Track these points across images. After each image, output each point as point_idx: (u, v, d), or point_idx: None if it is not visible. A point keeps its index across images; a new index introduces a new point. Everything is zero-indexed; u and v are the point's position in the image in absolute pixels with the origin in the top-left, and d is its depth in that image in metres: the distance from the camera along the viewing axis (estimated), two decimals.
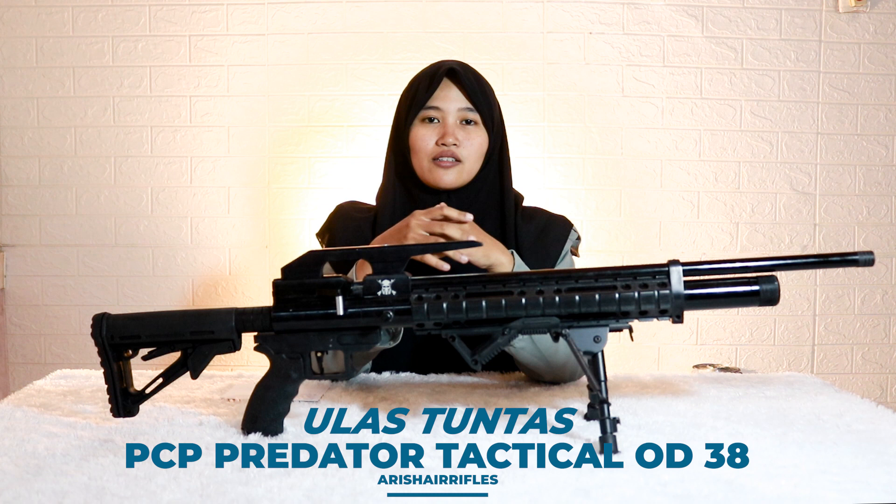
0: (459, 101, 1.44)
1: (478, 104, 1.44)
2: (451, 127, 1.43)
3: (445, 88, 1.44)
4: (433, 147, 1.43)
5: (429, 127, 1.44)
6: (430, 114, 1.44)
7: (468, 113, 1.44)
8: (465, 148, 1.43)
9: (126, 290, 2.75)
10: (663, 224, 2.75)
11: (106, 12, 2.71)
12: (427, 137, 1.43)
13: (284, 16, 2.71)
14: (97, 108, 2.72)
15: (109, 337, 1.08)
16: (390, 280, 1.04)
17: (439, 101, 1.44)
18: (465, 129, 1.44)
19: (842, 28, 2.74)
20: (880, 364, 2.82)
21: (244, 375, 1.45)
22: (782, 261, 1.02)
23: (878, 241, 2.78)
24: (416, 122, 1.45)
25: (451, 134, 1.42)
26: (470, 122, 1.44)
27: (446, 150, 1.42)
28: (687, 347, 2.79)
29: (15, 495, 0.83)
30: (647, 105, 2.73)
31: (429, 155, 1.43)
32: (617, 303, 0.99)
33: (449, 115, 1.44)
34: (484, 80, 1.49)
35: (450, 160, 1.42)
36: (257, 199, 2.74)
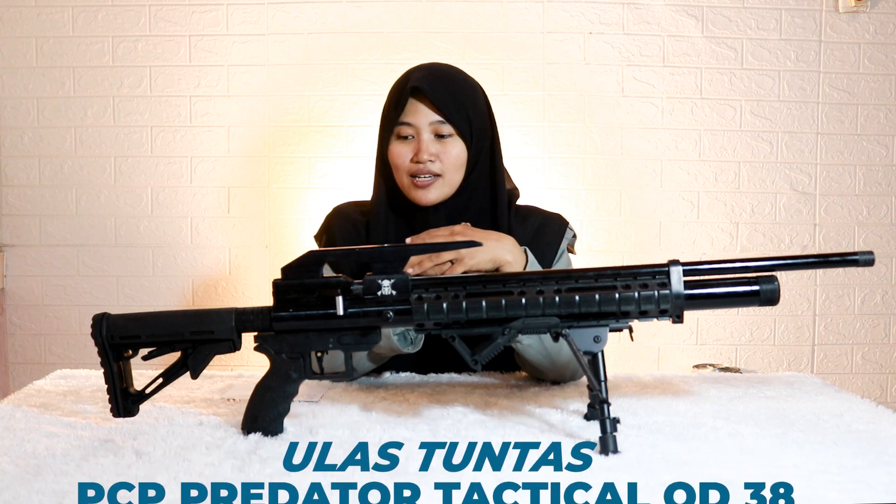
0: (429, 116, 1.39)
1: (449, 116, 1.38)
2: (426, 143, 1.38)
3: (414, 104, 1.39)
4: (409, 164, 1.39)
5: (404, 143, 1.40)
6: (403, 130, 1.40)
7: (440, 126, 1.39)
8: (441, 162, 1.39)
9: (126, 290, 2.75)
10: (663, 224, 2.75)
11: (106, 12, 2.71)
12: (403, 154, 1.40)
13: (284, 16, 2.71)
14: (97, 108, 2.72)
15: (109, 337, 1.08)
16: (390, 280, 1.04)
17: (409, 116, 1.40)
18: (441, 142, 1.39)
19: (842, 28, 2.74)
20: (880, 364, 2.82)
21: (244, 375, 1.45)
22: (782, 261, 1.03)
23: (878, 241, 2.78)
24: (393, 139, 1.41)
25: (424, 150, 1.38)
26: (444, 135, 1.40)
27: (421, 167, 1.38)
28: (687, 347, 2.79)
29: (15, 495, 0.83)
30: (647, 105, 2.73)
31: (406, 171, 1.40)
32: (617, 303, 1.00)
33: (422, 130, 1.39)
34: (459, 83, 1.43)
35: (427, 177, 1.39)
36: (257, 199, 2.74)
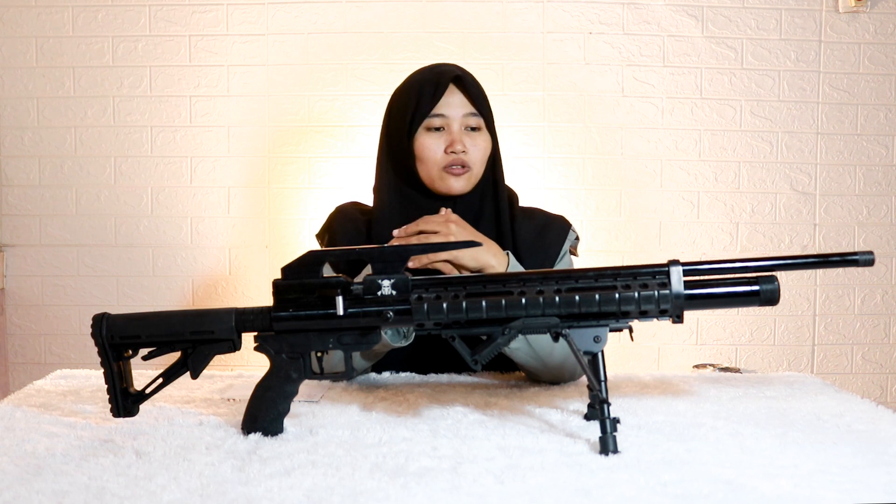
0: (464, 108, 1.42)
1: (481, 109, 1.43)
2: (458, 134, 1.41)
3: (450, 95, 1.42)
4: (442, 156, 1.41)
5: (435, 135, 1.42)
6: (435, 122, 1.41)
7: (472, 119, 1.42)
8: (471, 154, 1.41)
9: (126, 290, 2.75)
10: (663, 224, 2.75)
11: (106, 12, 2.71)
12: (434, 147, 1.41)
13: (284, 16, 2.71)
14: (97, 108, 2.72)
15: (109, 337, 1.08)
16: (390, 280, 1.04)
17: (444, 108, 1.41)
18: (471, 134, 1.42)
19: (842, 28, 2.74)
20: (880, 364, 2.82)
21: (244, 375, 1.45)
22: (782, 261, 1.03)
23: (878, 241, 2.78)
24: (422, 131, 1.42)
25: (459, 141, 1.40)
26: (474, 127, 1.43)
27: (456, 158, 1.40)
28: (687, 347, 2.79)
29: (15, 495, 0.83)
30: (647, 105, 2.73)
31: (438, 164, 1.41)
32: (617, 303, 1.00)
33: (454, 122, 1.41)
34: (479, 83, 1.48)
35: (460, 168, 1.41)
36: (257, 199, 2.74)
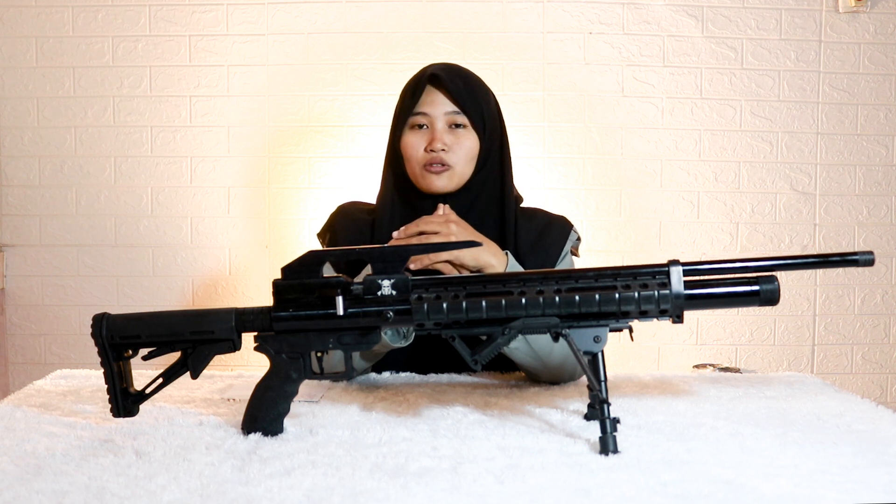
0: (445, 106, 1.42)
1: (464, 106, 1.42)
2: (439, 132, 1.41)
3: (431, 94, 1.43)
4: (422, 154, 1.42)
5: (418, 133, 1.43)
6: (417, 120, 1.43)
7: (455, 116, 1.42)
8: (454, 153, 1.41)
9: (126, 290, 2.75)
10: (663, 224, 2.75)
11: (106, 12, 2.71)
12: (416, 145, 1.42)
13: (284, 16, 2.71)
14: (97, 108, 2.72)
15: (109, 337, 1.08)
16: (390, 280, 1.04)
17: (425, 106, 1.43)
18: (454, 132, 1.42)
19: (842, 28, 2.74)
20: (880, 364, 2.82)
21: (244, 375, 1.45)
22: (782, 261, 1.03)
23: (878, 241, 2.78)
24: (406, 130, 1.44)
25: (438, 139, 1.41)
26: (459, 125, 1.43)
27: (434, 156, 1.40)
28: (687, 347, 2.79)
29: (15, 495, 0.83)
30: (647, 105, 2.73)
31: (419, 162, 1.42)
32: (617, 303, 1.00)
33: (437, 119, 1.42)
34: (474, 80, 1.47)
35: (439, 166, 1.41)
36: (257, 199, 2.74)
